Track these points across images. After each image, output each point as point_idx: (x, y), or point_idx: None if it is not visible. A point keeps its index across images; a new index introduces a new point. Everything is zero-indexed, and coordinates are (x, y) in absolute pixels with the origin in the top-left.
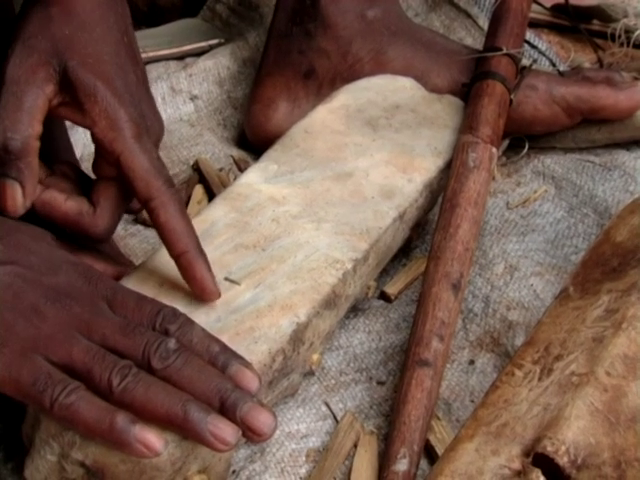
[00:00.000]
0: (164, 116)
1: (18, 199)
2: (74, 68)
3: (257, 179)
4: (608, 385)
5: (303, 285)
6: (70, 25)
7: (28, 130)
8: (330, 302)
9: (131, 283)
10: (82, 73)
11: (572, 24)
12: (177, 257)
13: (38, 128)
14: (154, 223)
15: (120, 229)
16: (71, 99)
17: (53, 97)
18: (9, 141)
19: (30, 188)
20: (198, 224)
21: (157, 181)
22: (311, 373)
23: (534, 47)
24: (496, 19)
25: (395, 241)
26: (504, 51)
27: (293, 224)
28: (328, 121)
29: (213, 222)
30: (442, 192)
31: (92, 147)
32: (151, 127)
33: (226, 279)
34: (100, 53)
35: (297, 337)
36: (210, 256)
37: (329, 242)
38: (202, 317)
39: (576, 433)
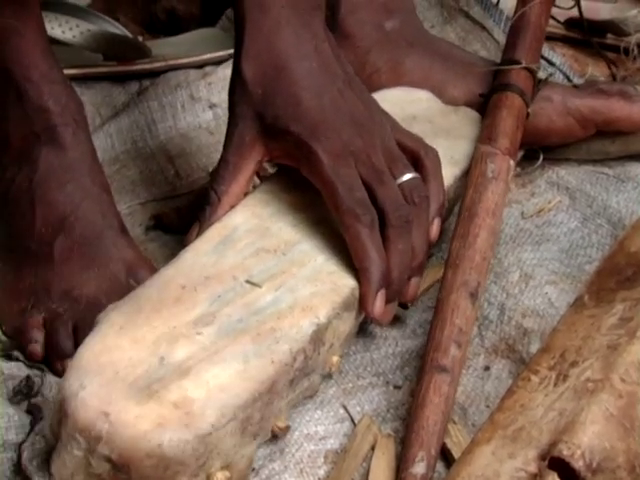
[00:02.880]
0: (183, 124)
1: (192, 236)
2: (269, 122)
3: (277, 186)
4: (623, 391)
5: (323, 287)
6: (262, 79)
7: (230, 189)
8: (349, 304)
9: (154, 285)
10: (275, 124)
11: (586, 38)
12: (358, 269)
13: (242, 185)
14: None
15: (140, 233)
16: (278, 150)
17: (264, 155)
18: (211, 194)
19: (203, 229)
20: (219, 230)
21: (341, 209)
22: (330, 376)
23: (549, 62)
24: (515, 32)
25: None
26: (523, 64)
27: (314, 229)
28: None
29: (234, 228)
30: (459, 200)
31: (112, 152)
32: (354, 132)
33: (247, 282)
34: (289, 92)
35: (317, 337)
36: (231, 260)
37: None
38: (224, 318)
39: (591, 438)
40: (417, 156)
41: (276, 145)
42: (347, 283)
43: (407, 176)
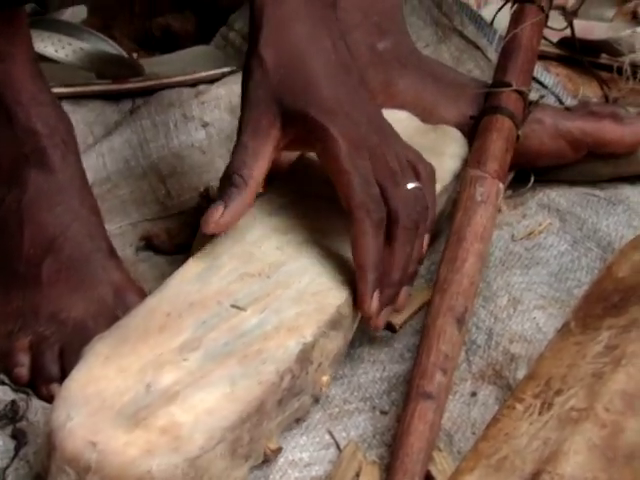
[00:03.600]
0: (175, 142)
1: (214, 218)
2: (287, 107)
3: (261, 211)
4: (607, 421)
5: (308, 307)
6: (281, 65)
7: (253, 172)
8: (336, 322)
9: (139, 314)
10: (293, 108)
11: (579, 59)
12: (357, 267)
13: (263, 170)
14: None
15: (131, 254)
16: (294, 134)
17: (280, 139)
18: (235, 177)
19: (230, 213)
20: (203, 258)
21: (354, 201)
22: (320, 397)
23: (541, 84)
24: (506, 54)
25: None
26: (514, 87)
27: (297, 251)
28: None
29: (218, 255)
30: (441, 218)
31: (104, 172)
32: (370, 129)
33: (232, 306)
34: (309, 79)
35: (305, 357)
36: (216, 286)
37: (333, 266)
38: (210, 343)
39: (574, 468)
40: (416, 170)
41: (293, 130)
42: (333, 302)
43: (412, 185)
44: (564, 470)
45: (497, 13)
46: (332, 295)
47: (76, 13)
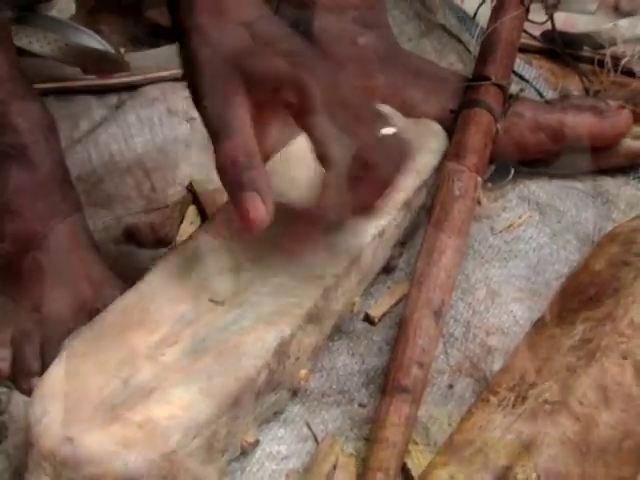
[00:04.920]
0: (160, 137)
1: (258, 212)
2: (246, 68)
3: None
4: (580, 414)
5: (286, 302)
6: (224, 29)
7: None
8: (313, 317)
9: (117, 310)
10: (253, 69)
11: (560, 52)
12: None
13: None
14: None
15: (113, 249)
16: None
17: (251, 106)
18: (245, 161)
19: (269, 200)
20: (183, 250)
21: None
22: (298, 390)
23: (522, 78)
24: (486, 48)
25: (376, 259)
26: (493, 81)
27: (276, 245)
28: (306, 150)
29: (198, 247)
30: (422, 211)
31: (89, 166)
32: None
33: (210, 300)
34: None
35: (282, 351)
36: (194, 281)
37: (311, 260)
38: (187, 338)
39: (547, 461)
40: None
41: (259, 92)
42: (310, 296)
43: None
44: (536, 464)
45: (479, 7)
46: (310, 289)
47: (64, 8)
